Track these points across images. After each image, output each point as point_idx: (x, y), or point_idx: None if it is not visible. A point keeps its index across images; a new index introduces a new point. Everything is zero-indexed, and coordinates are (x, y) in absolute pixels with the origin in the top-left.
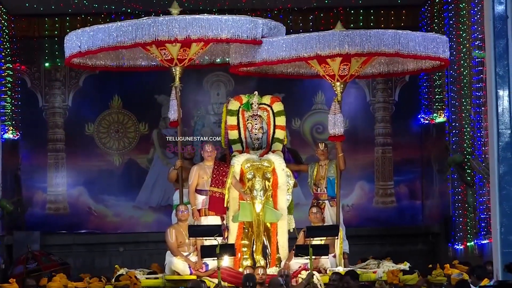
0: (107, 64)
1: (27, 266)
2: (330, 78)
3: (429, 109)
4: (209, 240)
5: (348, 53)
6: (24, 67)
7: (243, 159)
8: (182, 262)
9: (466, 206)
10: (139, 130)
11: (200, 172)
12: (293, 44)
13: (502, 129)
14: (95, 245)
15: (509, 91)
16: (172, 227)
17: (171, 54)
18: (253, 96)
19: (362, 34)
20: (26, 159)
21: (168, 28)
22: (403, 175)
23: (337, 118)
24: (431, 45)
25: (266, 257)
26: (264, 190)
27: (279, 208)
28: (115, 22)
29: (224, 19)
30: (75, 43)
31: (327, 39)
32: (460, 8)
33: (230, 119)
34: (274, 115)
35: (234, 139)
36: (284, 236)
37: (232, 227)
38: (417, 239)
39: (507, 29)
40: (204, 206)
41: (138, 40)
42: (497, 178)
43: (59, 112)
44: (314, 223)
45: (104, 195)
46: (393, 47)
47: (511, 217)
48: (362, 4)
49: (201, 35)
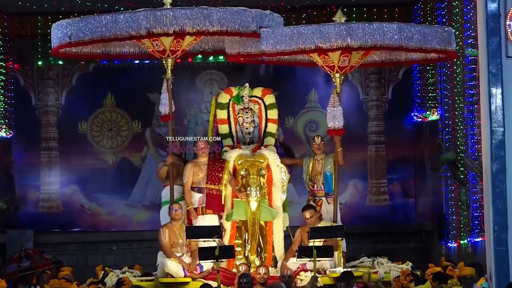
0: (93, 52)
1: (20, 265)
2: (329, 69)
3: (422, 107)
4: (206, 241)
5: (351, 47)
6: (17, 65)
7: (236, 155)
8: (176, 263)
9: (459, 204)
10: (132, 129)
11: (195, 169)
12: (293, 36)
13: (495, 127)
14: (88, 244)
15: (502, 89)
16: (165, 227)
17: (164, 46)
18: (243, 89)
19: (365, 27)
20: (19, 157)
21: (163, 20)
22: (396, 173)
23: (336, 110)
24: (437, 38)
25: (261, 257)
26: (259, 187)
27: (274, 206)
28: (108, 14)
29: (223, 11)
30: (64, 33)
31: (329, 31)
32: (453, 6)
33: (220, 113)
34: (266, 108)
35: (225, 134)
36: (280, 235)
37: (225, 227)
38: (410, 237)
39: (500, 27)
40: (201, 204)
41: (132, 32)
42: (490, 176)
43: (52, 110)
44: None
45: (97, 193)
46: (398, 41)
47: (504, 215)
48: (355, 2)
49: (199, 27)
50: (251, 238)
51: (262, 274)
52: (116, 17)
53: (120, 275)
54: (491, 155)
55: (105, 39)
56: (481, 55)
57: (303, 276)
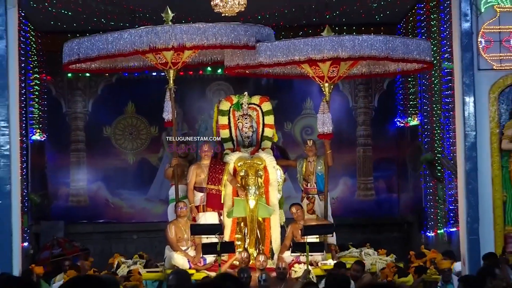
0: (101, 67)
1: (53, 252)
2: (319, 79)
3: (404, 113)
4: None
5: (340, 57)
6: (50, 77)
7: (236, 157)
8: (181, 256)
9: (437, 198)
10: (150, 133)
11: (198, 170)
12: (289, 49)
13: (468, 131)
14: (112, 233)
15: (474, 98)
16: (171, 223)
17: (166, 58)
18: (243, 97)
19: (353, 39)
20: (51, 158)
21: (165, 36)
22: (381, 171)
23: (325, 117)
24: (417, 50)
25: (259, 249)
26: (257, 187)
27: (271, 204)
28: (113, 32)
29: (218, 27)
30: (74, 51)
31: (321, 43)
32: (431, 25)
33: (221, 119)
34: (263, 114)
35: (226, 138)
36: (277, 230)
37: (226, 223)
38: (393, 227)
39: (472, 44)
40: (202, 202)
41: (136, 48)
42: (464, 174)
43: (80, 116)
44: (298, 221)
45: (120, 189)
46: (384, 51)
47: (476, 208)
48: (345, 22)
49: (197, 42)
50: (250, 233)
51: (262, 262)
52: (120, 35)
53: (132, 266)
54: (465, 155)
55: (111, 55)
56: (456, 68)
57: (297, 268)
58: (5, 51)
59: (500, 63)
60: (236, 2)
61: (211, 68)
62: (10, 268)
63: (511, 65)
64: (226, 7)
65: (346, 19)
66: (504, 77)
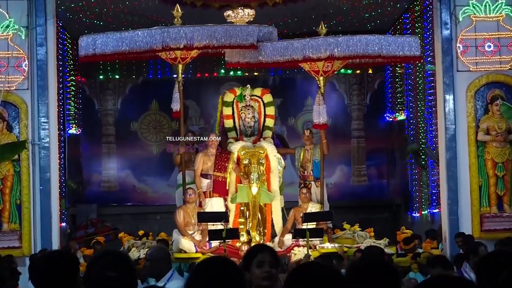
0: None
1: (87, 231)
2: (314, 73)
3: (393, 109)
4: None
5: (336, 57)
6: (84, 79)
7: (239, 146)
8: (188, 241)
9: (421, 183)
10: (172, 127)
11: (204, 158)
12: (288, 49)
13: (448, 125)
14: (139, 215)
15: (454, 96)
16: (180, 208)
17: (175, 54)
18: (245, 89)
19: (348, 39)
20: (85, 149)
21: (176, 36)
22: (373, 160)
23: (321, 108)
24: (408, 46)
25: (261, 233)
26: (259, 174)
27: (272, 190)
28: (127, 31)
29: (225, 28)
30: (90, 46)
31: (318, 44)
32: (416, 32)
33: (225, 110)
34: (265, 106)
35: (230, 127)
36: (278, 214)
37: (230, 207)
38: (384, 209)
39: (452, 48)
40: (209, 188)
41: (150, 47)
42: (445, 162)
43: (111, 113)
44: (303, 202)
45: (145, 176)
46: (378, 50)
47: (455, 192)
48: (341, 30)
49: (205, 42)
50: (252, 217)
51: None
52: (134, 34)
53: (141, 250)
54: (446, 146)
55: (125, 53)
56: (437, 69)
57: (296, 250)
58: (45, 56)
59: (476, 65)
60: (246, 13)
61: (224, 70)
62: (50, 244)
63: (485, 68)
64: (237, 17)
65: (341, 27)
66: (480, 77)
